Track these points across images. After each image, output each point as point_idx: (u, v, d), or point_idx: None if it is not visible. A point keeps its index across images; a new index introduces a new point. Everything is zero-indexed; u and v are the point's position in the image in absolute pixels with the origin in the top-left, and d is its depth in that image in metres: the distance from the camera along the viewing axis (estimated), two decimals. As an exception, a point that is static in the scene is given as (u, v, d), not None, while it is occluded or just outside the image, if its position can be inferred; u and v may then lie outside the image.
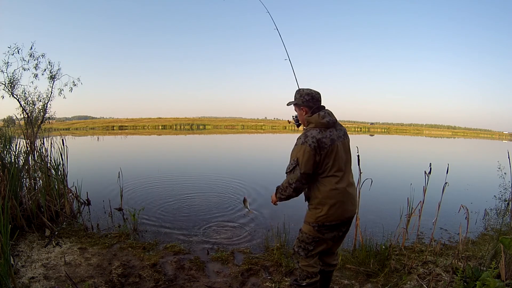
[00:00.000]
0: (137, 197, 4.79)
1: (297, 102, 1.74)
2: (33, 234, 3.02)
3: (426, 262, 2.62)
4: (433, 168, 2.65)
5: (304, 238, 1.73)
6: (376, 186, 3.20)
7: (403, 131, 76.27)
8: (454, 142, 32.45)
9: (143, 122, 65.64)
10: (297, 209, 4.29)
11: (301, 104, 1.73)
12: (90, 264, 2.51)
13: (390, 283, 2.24)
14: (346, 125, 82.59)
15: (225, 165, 9.27)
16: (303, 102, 1.72)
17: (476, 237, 3.41)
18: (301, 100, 1.72)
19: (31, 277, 2.23)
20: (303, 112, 1.73)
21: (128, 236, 3.14)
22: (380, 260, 2.48)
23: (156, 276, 2.32)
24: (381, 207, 4.50)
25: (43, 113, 8.54)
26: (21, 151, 3.64)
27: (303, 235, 1.74)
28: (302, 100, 1.72)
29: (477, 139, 45.11)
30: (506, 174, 4.89)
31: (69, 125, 57.82)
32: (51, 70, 8.31)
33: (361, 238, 2.70)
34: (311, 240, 1.71)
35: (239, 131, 48.79)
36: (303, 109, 1.73)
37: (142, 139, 24.11)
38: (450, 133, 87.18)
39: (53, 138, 4.32)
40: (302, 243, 1.75)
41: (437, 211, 2.74)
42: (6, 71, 7.73)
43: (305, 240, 1.73)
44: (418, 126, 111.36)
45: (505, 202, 4.93)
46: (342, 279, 2.36)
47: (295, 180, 1.59)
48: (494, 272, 1.65)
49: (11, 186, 2.86)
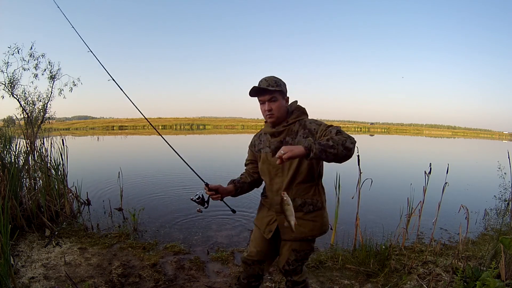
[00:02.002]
0: (137, 197, 4.78)
1: (284, 90, 1.43)
2: (33, 234, 3.02)
3: (426, 262, 2.62)
4: (433, 168, 2.65)
5: (309, 253, 1.53)
6: (376, 186, 3.21)
7: (403, 131, 76.31)
8: (454, 142, 32.46)
9: (143, 122, 65.58)
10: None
11: (286, 93, 1.46)
12: (90, 264, 2.51)
13: (390, 283, 2.24)
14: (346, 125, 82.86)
15: (226, 164, 9.27)
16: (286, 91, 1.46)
17: (476, 237, 3.41)
18: (285, 88, 1.46)
19: (31, 277, 2.23)
20: (286, 102, 1.47)
21: (128, 236, 3.14)
22: (380, 260, 2.48)
23: (156, 276, 2.32)
24: (381, 207, 4.50)
25: (43, 113, 8.53)
26: (21, 151, 3.64)
27: (309, 252, 1.53)
28: (285, 88, 1.46)
29: (477, 139, 45.13)
30: (506, 174, 4.89)
31: (69, 125, 57.88)
32: (51, 70, 8.31)
33: (361, 238, 2.70)
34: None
35: (239, 131, 48.82)
36: (286, 99, 1.47)
37: (142, 139, 24.10)
38: (450, 133, 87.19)
39: (53, 138, 4.33)
40: (306, 259, 1.55)
41: (437, 211, 2.74)
42: (6, 71, 7.73)
43: (308, 254, 1.54)
44: (418, 126, 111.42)
45: (505, 202, 4.93)
46: (342, 279, 2.36)
47: (354, 140, 1.20)
48: (494, 272, 1.65)
49: (11, 186, 2.85)
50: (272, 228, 1.50)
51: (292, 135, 1.43)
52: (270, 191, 1.51)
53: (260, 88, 1.37)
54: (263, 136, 1.55)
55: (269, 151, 1.48)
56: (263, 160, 1.51)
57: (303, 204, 1.43)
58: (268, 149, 1.49)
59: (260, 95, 1.41)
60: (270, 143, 1.48)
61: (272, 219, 1.51)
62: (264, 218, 1.55)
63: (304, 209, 1.43)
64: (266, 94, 1.39)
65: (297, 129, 1.42)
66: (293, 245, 1.48)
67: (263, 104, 1.42)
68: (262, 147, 1.53)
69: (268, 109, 1.40)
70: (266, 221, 1.53)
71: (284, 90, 1.44)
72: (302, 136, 1.39)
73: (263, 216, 1.57)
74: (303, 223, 1.42)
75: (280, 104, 1.41)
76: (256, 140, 1.59)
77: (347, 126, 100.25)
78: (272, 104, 1.40)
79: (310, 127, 1.39)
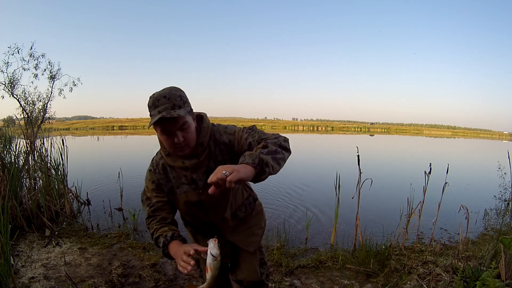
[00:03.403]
0: (137, 197, 4.75)
1: (190, 105, 1.06)
2: (33, 234, 3.02)
3: (426, 262, 2.62)
4: (433, 168, 2.65)
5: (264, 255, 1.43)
6: (376, 186, 3.21)
7: (403, 131, 76.34)
8: (454, 142, 32.46)
9: (143, 122, 65.68)
10: (297, 209, 4.29)
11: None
12: (90, 264, 2.51)
13: (390, 283, 2.24)
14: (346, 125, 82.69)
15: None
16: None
17: (476, 237, 3.41)
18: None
19: (31, 277, 2.23)
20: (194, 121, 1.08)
21: (128, 236, 3.14)
22: (380, 260, 2.48)
23: (156, 276, 2.32)
24: (381, 207, 4.49)
25: (43, 113, 8.52)
26: (21, 151, 3.64)
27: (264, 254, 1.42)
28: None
29: (477, 139, 45.13)
30: (506, 174, 4.89)
31: (69, 125, 57.92)
32: (51, 70, 8.29)
33: (361, 238, 2.70)
34: None
35: (239, 131, 48.61)
36: (193, 116, 1.08)
37: (142, 139, 24.10)
38: (450, 133, 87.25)
39: (53, 138, 4.33)
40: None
41: (437, 211, 2.74)
42: (6, 71, 7.72)
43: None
44: (418, 126, 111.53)
45: (505, 202, 4.93)
46: (342, 279, 2.36)
47: (282, 136, 1.03)
48: (494, 272, 1.65)
49: (11, 186, 2.85)
50: (228, 251, 1.32)
51: (213, 157, 1.10)
52: (204, 225, 1.28)
53: (170, 118, 0.95)
54: (172, 171, 1.14)
55: (191, 189, 1.14)
56: (184, 202, 1.16)
57: (246, 208, 1.30)
58: (187, 187, 1.14)
59: (169, 125, 0.98)
60: (190, 178, 1.12)
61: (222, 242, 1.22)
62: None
63: (247, 212, 1.31)
64: (177, 122, 0.98)
65: (213, 149, 1.10)
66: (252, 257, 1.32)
67: (169, 136, 1.00)
68: (177, 185, 1.15)
69: (180, 141, 1.00)
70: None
71: (190, 104, 1.05)
72: (222, 154, 1.10)
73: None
74: (252, 231, 1.32)
75: (192, 128, 1.04)
76: (161, 179, 1.16)
77: (347, 126, 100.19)
78: (184, 132, 1.00)
79: (223, 140, 1.10)
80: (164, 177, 1.16)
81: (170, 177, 1.15)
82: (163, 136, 1.01)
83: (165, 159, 1.13)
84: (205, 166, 1.10)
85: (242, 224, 1.31)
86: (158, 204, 1.16)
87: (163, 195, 1.17)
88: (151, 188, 1.17)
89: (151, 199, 1.18)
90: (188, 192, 1.14)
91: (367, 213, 3.94)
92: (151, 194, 1.18)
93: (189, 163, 1.08)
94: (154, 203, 1.17)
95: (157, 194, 1.17)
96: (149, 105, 1.00)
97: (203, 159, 1.09)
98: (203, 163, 1.09)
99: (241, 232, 1.31)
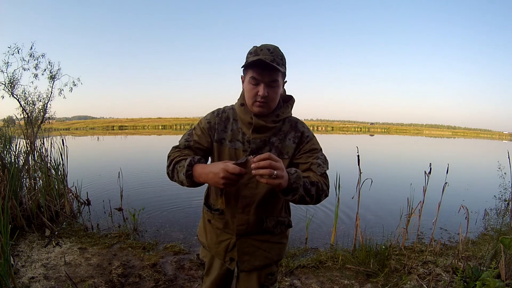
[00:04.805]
0: (137, 197, 4.78)
1: (285, 71, 1.03)
2: (33, 234, 3.02)
3: (426, 262, 2.62)
4: (433, 168, 2.65)
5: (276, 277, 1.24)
6: (376, 186, 3.21)
7: (403, 131, 76.32)
8: (454, 142, 32.46)
9: (143, 122, 65.65)
10: (297, 209, 4.29)
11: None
12: (90, 264, 2.51)
13: (390, 283, 2.24)
14: (346, 125, 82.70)
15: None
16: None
17: (476, 237, 3.41)
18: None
19: (31, 277, 2.23)
20: (283, 90, 1.09)
21: (128, 236, 3.14)
22: (380, 260, 2.48)
23: (156, 276, 2.32)
24: (381, 207, 4.50)
25: (43, 113, 8.54)
26: (21, 151, 3.64)
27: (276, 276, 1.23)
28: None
29: (477, 139, 45.12)
30: (506, 174, 4.89)
31: (69, 125, 57.90)
32: (51, 70, 8.31)
33: (361, 238, 2.70)
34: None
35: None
36: (283, 85, 1.08)
37: (142, 139, 24.10)
38: (450, 133, 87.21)
39: (53, 138, 4.33)
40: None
41: (437, 211, 2.74)
42: (6, 71, 7.73)
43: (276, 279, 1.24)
44: (418, 126, 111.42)
45: (505, 202, 4.94)
46: (342, 279, 2.36)
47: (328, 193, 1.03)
48: (494, 272, 1.65)
49: (11, 186, 2.85)
50: (234, 256, 1.14)
51: (280, 135, 1.07)
52: (230, 207, 1.10)
53: (268, 64, 0.93)
54: (234, 124, 1.09)
55: (241, 148, 1.06)
56: (228, 159, 1.07)
57: (276, 224, 1.13)
58: (240, 145, 1.07)
59: (262, 72, 0.97)
60: (247, 138, 1.06)
61: (230, 243, 1.14)
62: (221, 243, 1.16)
63: (276, 230, 1.13)
64: (270, 74, 0.97)
65: (287, 130, 1.08)
66: (256, 275, 1.16)
67: (256, 86, 0.98)
68: (230, 139, 1.08)
69: (264, 94, 0.97)
70: (223, 246, 1.16)
71: (286, 70, 1.03)
72: (292, 141, 1.07)
73: (214, 240, 1.18)
74: (269, 247, 1.14)
75: (279, 92, 1.02)
76: (218, 124, 1.10)
77: (347, 126, 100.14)
78: (271, 90, 0.99)
79: (302, 130, 1.09)
80: (222, 125, 1.10)
81: (228, 129, 1.09)
82: (250, 85, 0.99)
83: (237, 109, 1.09)
84: (268, 134, 1.05)
85: (260, 235, 1.13)
86: (195, 145, 1.10)
87: (206, 142, 1.10)
88: (203, 126, 1.11)
89: (193, 135, 1.11)
90: (237, 150, 1.07)
91: (367, 213, 3.95)
92: (197, 132, 1.12)
93: (257, 122, 1.03)
94: (192, 141, 1.10)
95: (203, 136, 1.10)
96: (250, 51, 1.00)
97: (270, 128, 1.04)
98: (268, 130, 1.05)
99: (253, 242, 1.13)
